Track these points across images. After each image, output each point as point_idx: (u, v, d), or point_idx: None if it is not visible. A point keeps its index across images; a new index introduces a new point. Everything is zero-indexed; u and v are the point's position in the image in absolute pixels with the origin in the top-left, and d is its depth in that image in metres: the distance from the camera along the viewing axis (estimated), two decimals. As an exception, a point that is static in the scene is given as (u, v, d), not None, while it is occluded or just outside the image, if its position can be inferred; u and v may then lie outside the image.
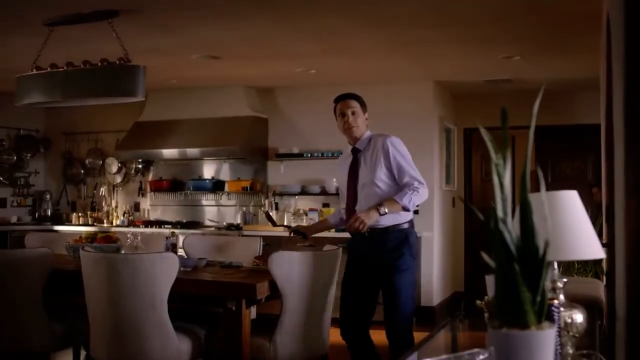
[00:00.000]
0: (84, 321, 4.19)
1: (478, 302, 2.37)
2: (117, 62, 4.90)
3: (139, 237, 4.56)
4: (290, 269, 4.03)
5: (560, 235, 1.99)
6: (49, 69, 5.13)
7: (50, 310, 4.38)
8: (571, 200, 2.04)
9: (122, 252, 4.47)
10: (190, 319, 4.33)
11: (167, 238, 5.09)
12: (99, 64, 4.97)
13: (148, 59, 6.15)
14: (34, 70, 5.18)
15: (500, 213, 1.62)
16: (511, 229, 1.60)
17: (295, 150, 8.08)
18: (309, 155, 7.99)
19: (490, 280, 2.59)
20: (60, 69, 5.05)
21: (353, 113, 4.34)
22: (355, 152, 4.41)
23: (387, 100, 7.81)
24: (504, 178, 1.63)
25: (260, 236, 7.33)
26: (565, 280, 2.07)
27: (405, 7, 4.91)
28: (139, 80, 4.82)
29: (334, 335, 4.46)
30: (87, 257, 3.98)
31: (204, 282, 4.07)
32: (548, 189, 1.83)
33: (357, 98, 4.41)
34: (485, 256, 1.66)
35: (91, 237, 4.80)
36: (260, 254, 5.55)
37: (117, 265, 3.84)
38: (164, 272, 3.85)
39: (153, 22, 5.24)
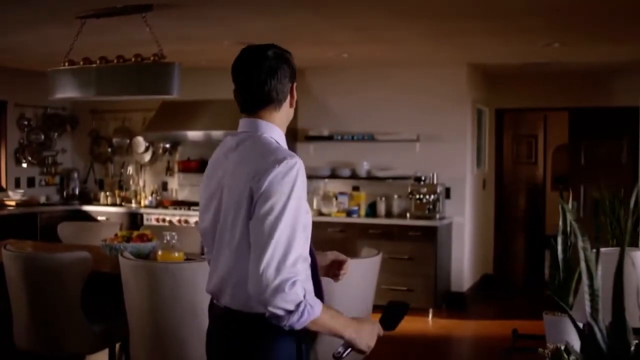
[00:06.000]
0: (121, 322, 4.20)
1: (540, 349, 2.31)
2: (152, 59, 4.81)
3: (176, 237, 4.50)
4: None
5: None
6: (81, 64, 5.06)
7: (88, 310, 4.37)
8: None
9: (159, 252, 4.44)
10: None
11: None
12: (133, 59, 4.88)
13: (178, 44, 6.07)
14: (67, 65, 5.10)
15: (588, 308, 1.54)
16: (602, 325, 1.52)
17: (325, 133, 7.97)
18: (340, 137, 7.89)
19: (548, 320, 2.53)
20: (94, 65, 4.97)
21: None
22: None
23: (420, 82, 7.69)
24: (595, 268, 1.53)
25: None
26: None
27: (453, 5, 4.82)
28: (174, 78, 4.74)
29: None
30: (126, 265, 3.95)
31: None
32: (582, 170, 1.71)
33: None
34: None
35: (127, 237, 4.77)
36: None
37: (157, 274, 3.82)
38: (205, 280, 3.81)
39: (187, 14, 5.13)
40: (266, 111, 2.25)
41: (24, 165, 8.90)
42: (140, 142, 9.05)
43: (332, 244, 7.32)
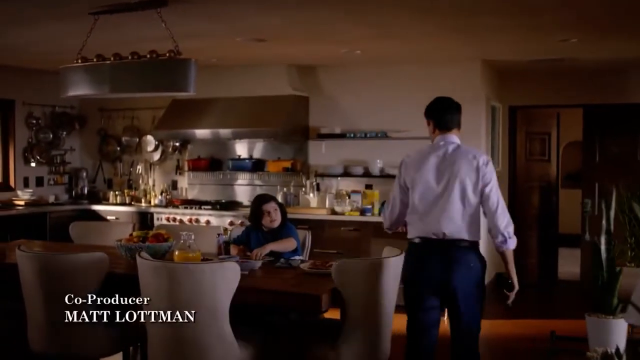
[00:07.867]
0: (136, 324, 4.10)
1: (588, 354, 2.23)
2: (167, 55, 4.71)
3: (192, 237, 4.41)
4: (354, 277, 3.90)
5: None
6: (94, 60, 4.96)
7: (103, 310, 4.27)
8: None
9: (176, 252, 4.35)
10: (249, 322, 4.22)
11: (218, 235, 4.97)
12: (148, 55, 4.78)
13: (190, 41, 5.97)
14: (79, 61, 5.00)
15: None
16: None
17: (337, 131, 7.87)
18: (352, 135, 7.79)
19: (592, 322, 2.45)
20: (107, 61, 4.86)
21: None
22: None
23: (433, 80, 7.56)
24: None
25: (302, 219, 7.23)
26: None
27: (467, 1, 4.72)
28: (190, 74, 4.63)
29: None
30: (145, 265, 3.86)
31: (267, 292, 3.95)
32: (596, 168, 1.63)
33: None
34: None
35: (142, 237, 4.68)
36: (309, 243, 5.43)
37: (177, 274, 3.73)
38: (226, 282, 3.73)
39: (202, 10, 5.04)
40: (454, 131, 4.19)
41: (33, 164, 8.84)
42: (150, 140, 8.98)
43: (346, 242, 7.25)
